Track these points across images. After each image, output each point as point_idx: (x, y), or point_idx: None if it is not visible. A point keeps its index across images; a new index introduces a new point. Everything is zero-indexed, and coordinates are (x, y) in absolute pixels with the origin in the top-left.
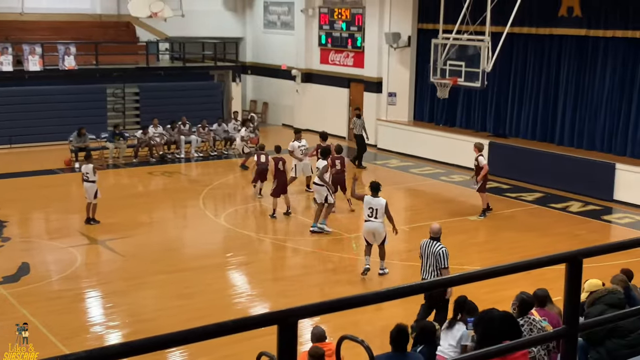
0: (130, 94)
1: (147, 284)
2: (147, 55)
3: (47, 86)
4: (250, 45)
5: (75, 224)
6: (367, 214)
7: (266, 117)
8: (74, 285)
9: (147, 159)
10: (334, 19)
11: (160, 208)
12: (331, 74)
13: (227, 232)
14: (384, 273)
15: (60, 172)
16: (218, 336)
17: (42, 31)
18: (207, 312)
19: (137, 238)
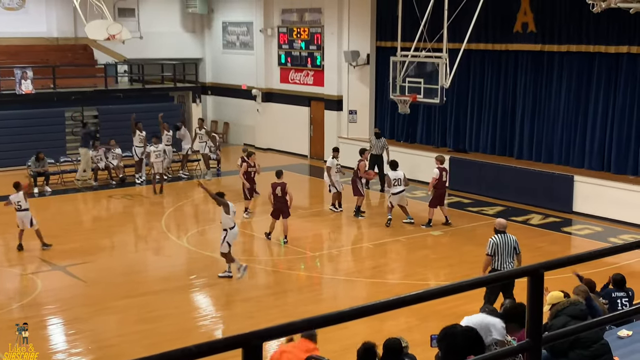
0: (89, 116)
1: (109, 309)
2: (106, 77)
3: (4, 111)
4: (209, 66)
5: (35, 250)
6: (394, 184)
7: (227, 137)
8: (35, 313)
9: (108, 182)
10: (293, 38)
11: (121, 231)
12: (291, 93)
13: (190, 253)
14: (411, 221)
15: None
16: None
17: None
18: (171, 336)
19: (99, 263)
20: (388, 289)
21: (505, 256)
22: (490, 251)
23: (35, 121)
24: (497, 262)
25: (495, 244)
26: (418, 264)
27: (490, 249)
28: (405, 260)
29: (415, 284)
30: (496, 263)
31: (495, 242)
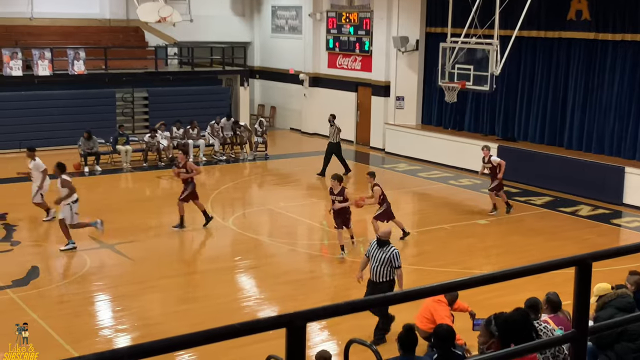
0: (139, 98)
1: (155, 287)
2: (156, 59)
3: (57, 91)
4: (258, 50)
5: (84, 229)
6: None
7: (274, 122)
8: (83, 289)
9: (156, 163)
10: (341, 23)
11: (168, 212)
12: (339, 78)
13: (235, 235)
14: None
15: (70, 176)
16: (226, 339)
17: (51, 36)
18: (214, 316)
19: (146, 242)
20: (432, 277)
21: (377, 265)
22: (367, 253)
23: (87, 101)
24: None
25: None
26: (463, 253)
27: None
28: (449, 248)
29: (459, 272)
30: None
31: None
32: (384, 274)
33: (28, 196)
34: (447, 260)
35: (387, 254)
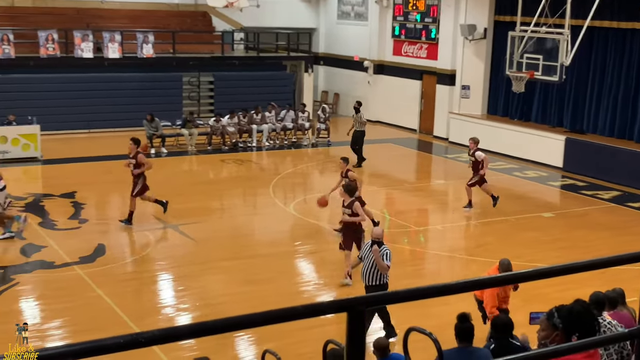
0: (205, 82)
1: (216, 268)
2: (223, 44)
3: (126, 73)
4: (323, 36)
5: (149, 208)
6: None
7: (337, 108)
8: (146, 268)
9: (220, 147)
10: (408, 10)
11: (231, 195)
12: (404, 66)
13: (296, 220)
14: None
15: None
16: (288, 320)
17: (121, 19)
18: (274, 299)
19: (209, 224)
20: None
21: (368, 268)
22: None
23: (154, 84)
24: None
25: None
26: (526, 246)
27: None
28: (512, 241)
29: (521, 265)
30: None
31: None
32: (374, 276)
33: (96, 175)
34: (509, 252)
35: (379, 254)
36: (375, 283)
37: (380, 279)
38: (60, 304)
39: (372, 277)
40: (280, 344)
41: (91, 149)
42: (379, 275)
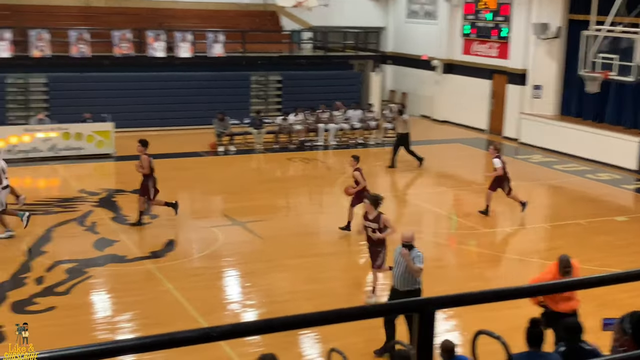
0: (272, 81)
1: (283, 266)
2: (291, 44)
3: (196, 72)
4: (391, 35)
5: (218, 205)
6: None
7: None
8: (214, 264)
9: (287, 145)
10: (479, 8)
11: (297, 193)
12: (473, 65)
13: (360, 220)
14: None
15: (206, 154)
16: (360, 319)
17: (193, 19)
18: (340, 298)
19: (275, 221)
20: None
21: (400, 272)
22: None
23: (223, 83)
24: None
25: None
26: (598, 249)
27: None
28: (584, 245)
29: (593, 269)
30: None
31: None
32: (407, 281)
33: (167, 172)
34: (581, 256)
35: (411, 257)
36: (408, 288)
37: (414, 284)
38: (130, 297)
39: (404, 282)
40: (345, 343)
41: (162, 146)
42: (411, 280)
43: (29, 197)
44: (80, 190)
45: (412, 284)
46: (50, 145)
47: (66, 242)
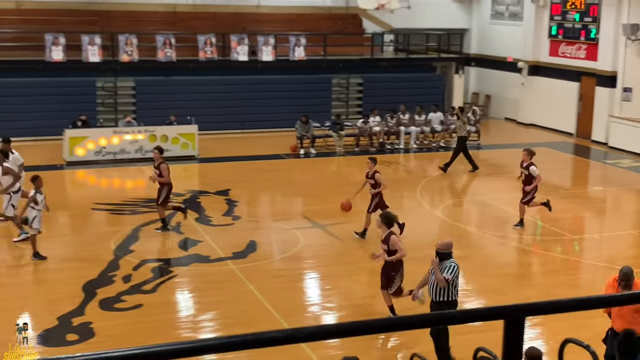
0: (353, 84)
1: (362, 269)
2: (372, 46)
3: (278, 75)
4: (475, 37)
5: (298, 208)
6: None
7: (488, 110)
8: (295, 265)
9: (368, 148)
10: (566, 9)
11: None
12: (560, 67)
13: (443, 224)
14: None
15: (287, 157)
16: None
17: (275, 23)
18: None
19: (355, 224)
20: None
21: (434, 282)
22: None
23: (305, 86)
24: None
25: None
26: None
27: (453, 273)
28: None
29: None
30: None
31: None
32: (441, 292)
33: (249, 174)
34: None
35: (442, 267)
36: (441, 299)
37: (448, 295)
38: (213, 296)
39: (438, 293)
40: (428, 349)
41: (244, 149)
42: (446, 291)
43: (117, 198)
44: None
45: (444, 295)
46: (137, 147)
47: (152, 242)
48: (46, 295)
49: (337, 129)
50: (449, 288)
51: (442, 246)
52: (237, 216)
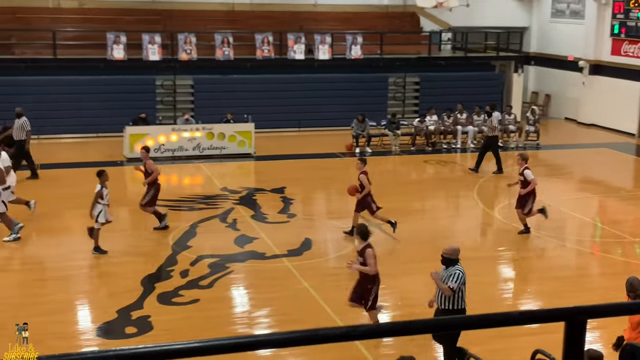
0: (410, 83)
1: (417, 269)
2: (430, 45)
3: (334, 74)
4: (535, 35)
5: (353, 206)
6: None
7: (548, 110)
8: None
9: (424, 147)
10: (629, 7)
11: (433, 196)
12: (623, 66)
13: (500, 225)
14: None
15: (342, 156)
16: (503, 326)
17: (332, 22)
18: (476, 304)
19: (410, 224)
20: None
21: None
22: (458, 285)
23: (361, 85)
24: (461, 299)
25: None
26: None
27: (458, 281)
28: None
29: None
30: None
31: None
32: (448, 300)
33: (304, 172)
34: None
35: (447, 274)
36: (446, 307)
37: (454, 304)
38: (268, 293)
39: (443, 301)
40: (483, 349)
41: (300, 147)
42: (452, 299)
43: (175, 194)
44: (222, 188)
45: (450, 303)
46: (195, 145)
47: (209, 238)
48: (106, 288)
49: (393, 127)
50: (454, 296)
51: (449, 251)
52: (293, 214)
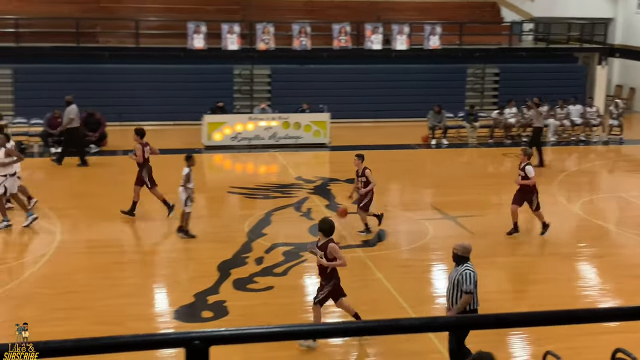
0: (489, 74)
1: (492, 264)
2: (510, 35)
3: (412, 65)
4: (620, 27)
5: (428, 198)
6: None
7: (632, 104)
8: (423, 256)
9: (502, 140)
10: None
11: (510, 190)
12: None
13: (581, 221)
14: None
15: (418, 147)
16: (588, 322)
17: (410, 12)
18: (554, 300)
19: (486, 218)
20: None
21: (448, 288)
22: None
23: (439, 76)
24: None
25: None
26: None
27: (472, 283)
28: None
29: None
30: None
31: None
32: (454, 300)
33: (379, 163)
34: None
35: (457, 274)
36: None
37: (470, 304)
38: (342, 283)
39: (452, 301)
40: (561, 347)
41: (375, 138)
42: (459, 299)
43: (251, 182)
44: (297, 178)
45: (457, 302)
46: (271, 134)
47: (283, 226)
48: (184, 273)
49: (470, 119)
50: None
51: (460, 248)
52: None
